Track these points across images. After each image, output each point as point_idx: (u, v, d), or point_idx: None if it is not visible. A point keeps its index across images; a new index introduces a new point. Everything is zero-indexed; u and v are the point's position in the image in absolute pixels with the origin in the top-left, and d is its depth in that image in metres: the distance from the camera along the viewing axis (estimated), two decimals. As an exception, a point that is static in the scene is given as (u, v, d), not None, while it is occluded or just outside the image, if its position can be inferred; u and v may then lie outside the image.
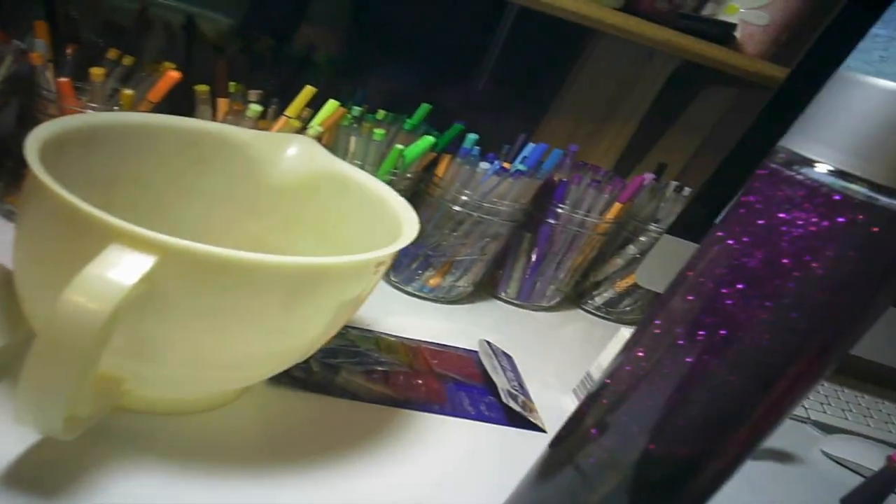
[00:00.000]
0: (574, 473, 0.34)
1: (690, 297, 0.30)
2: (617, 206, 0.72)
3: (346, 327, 0.56)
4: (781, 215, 0.27)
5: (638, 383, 0.32)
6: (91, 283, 0.28)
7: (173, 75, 0.53)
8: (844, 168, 0.25)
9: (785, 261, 0.27)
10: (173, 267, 0.31)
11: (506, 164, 0.65)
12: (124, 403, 0.39)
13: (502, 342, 0.64)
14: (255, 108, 0.56)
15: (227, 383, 0.40)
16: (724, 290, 0.28)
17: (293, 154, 0.49)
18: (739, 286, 0.28)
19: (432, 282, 0.69)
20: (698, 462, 0.32)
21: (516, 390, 0.56)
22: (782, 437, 0.67)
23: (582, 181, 0.71)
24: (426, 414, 0.49)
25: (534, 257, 0.74)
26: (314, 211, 0.49)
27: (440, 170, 0.66)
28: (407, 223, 0.42)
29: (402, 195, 0.66)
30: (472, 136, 0.66)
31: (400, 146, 0.62)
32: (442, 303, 0.70)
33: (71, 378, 0.29)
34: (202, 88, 0.56)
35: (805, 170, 0.26)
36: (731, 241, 0.29)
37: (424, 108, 0.70)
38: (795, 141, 0.27)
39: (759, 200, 0.28)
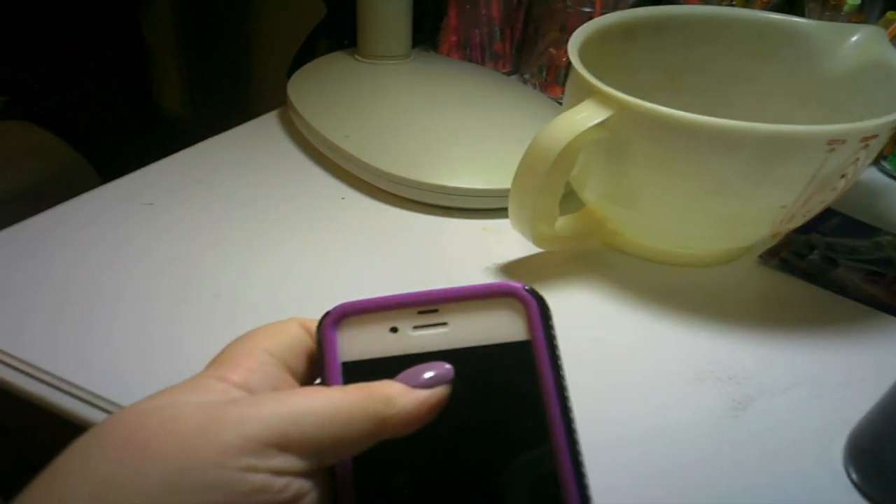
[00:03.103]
0: None
1: None
2: None
3: (877, 230, 0.54)
4: None
5: None
6: (561, 121, 0.40)
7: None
8: None
9: None
10: (628, 120, 0.40)
11: None
12: (617, 244, 0.50)
13: None
14: (851, 3, 0.55)
15: (691, 240, 0.47)
16: None
17: (854, 42, 0.48)
18: None
19: None
20: None
21: None
22: None
23: None
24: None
25: None
26: (859, 102, 0.48)
27: None
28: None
29: None
30: None
31: None
32: None
33: (534, 187, 0.41)
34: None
35: None
36: None
37: None
38: None
39: None
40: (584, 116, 0.40)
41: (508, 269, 0.49)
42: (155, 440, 0.18)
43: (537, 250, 0.49)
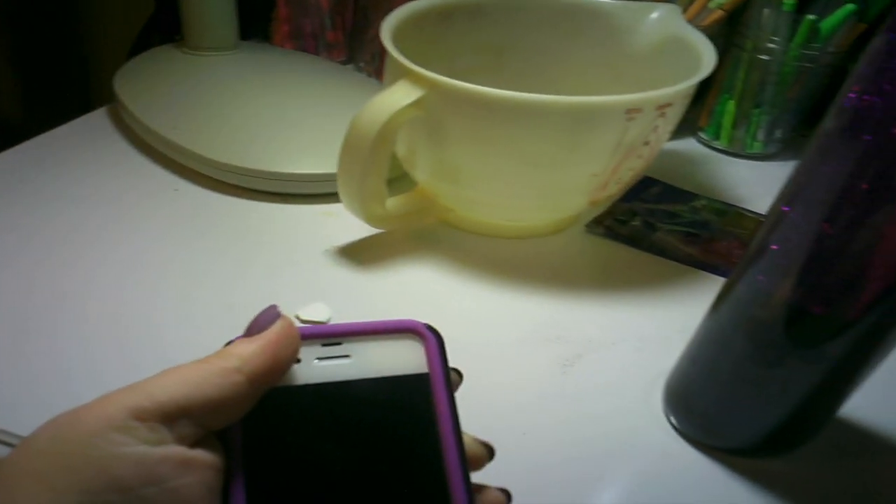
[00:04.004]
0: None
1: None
2: None
3: (694, 196, 0.57)
4: None
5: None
6: (377, 102, 0.41)
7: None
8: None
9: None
10: (440, 99, 0.41)
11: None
12: (451, 221, 0.51)
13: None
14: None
15: (517, 213, 0.49)
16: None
17: (653, 19, 0.51)
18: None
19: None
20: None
21: None
22: None
23: None
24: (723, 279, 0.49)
25: None
26: (662, 75, 0.50)
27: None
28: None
29: (823, 74, 0.61)
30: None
31: (812, 17, 0.56)
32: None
33: (358, 167, 0.42)
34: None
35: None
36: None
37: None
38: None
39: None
40: (397, 97, 0.40)
41: (347, 250, 0.49)
42: (38, 437, 0.20)
43: (376, 231, 0.50)
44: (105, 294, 0.44)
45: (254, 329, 0.23)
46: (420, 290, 0.46)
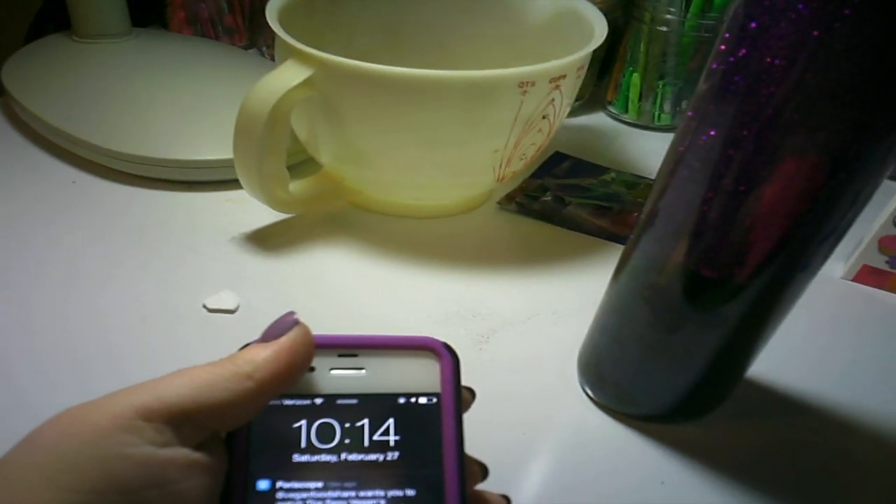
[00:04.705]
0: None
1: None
2: None
3: (605, 169, 0.58)
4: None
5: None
6: (266, 83, 0.39)
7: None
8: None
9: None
10: (330, 77, 0.40)
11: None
12: (361, 203, 0.50)
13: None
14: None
15: (425, 192, 0.48)
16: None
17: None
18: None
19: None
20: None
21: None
22: None
23: None
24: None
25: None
26: (560, 49, 0.50)
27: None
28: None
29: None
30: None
31: (707, -14, 0.57)
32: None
33: (253, 150, 0.40)
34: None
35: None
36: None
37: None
38: None
39: None
40: (286, 77, 0.39)
41: (255, 237, 0.48)
42: (44, 432, 0.20)
43: (284, 216, 0.49)
44: (3, 294, 0.42)
45: (269, 335, 0.23)
46: (332, 274, 0.46)
